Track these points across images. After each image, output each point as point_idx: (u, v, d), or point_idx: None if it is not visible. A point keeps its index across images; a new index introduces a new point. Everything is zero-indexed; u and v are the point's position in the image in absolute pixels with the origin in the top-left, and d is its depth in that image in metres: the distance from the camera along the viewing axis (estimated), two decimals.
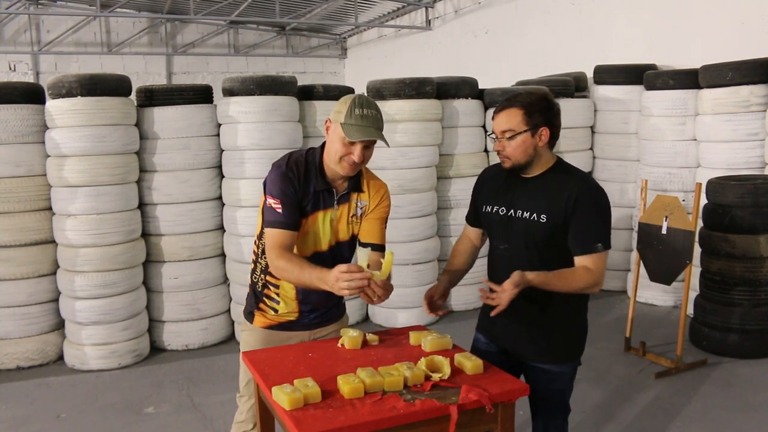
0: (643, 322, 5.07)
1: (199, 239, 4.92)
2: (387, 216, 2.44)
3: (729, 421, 3.56)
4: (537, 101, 2.24)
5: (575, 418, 3.56)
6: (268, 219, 2.28)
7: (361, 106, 2.23)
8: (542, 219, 2.23)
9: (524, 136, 2.21)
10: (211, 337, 5.00)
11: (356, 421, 1.77)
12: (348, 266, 2.03)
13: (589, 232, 2.21)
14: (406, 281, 5.23)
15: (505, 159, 2.28)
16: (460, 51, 9.63)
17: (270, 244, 2.27)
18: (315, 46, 13.56)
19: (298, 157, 2.33)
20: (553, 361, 2.33)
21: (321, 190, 2.31)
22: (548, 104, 2.26)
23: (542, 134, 2.23)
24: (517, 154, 2.24)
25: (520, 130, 2.21)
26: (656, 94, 5.62)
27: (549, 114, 2.24)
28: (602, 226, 2.23)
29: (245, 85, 4.87)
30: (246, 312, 2.54)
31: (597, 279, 2.21)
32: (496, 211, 2.36)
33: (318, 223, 2.33)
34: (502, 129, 2.24)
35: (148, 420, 3.81)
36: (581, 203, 2.19)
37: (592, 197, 2.22)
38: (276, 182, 2.27)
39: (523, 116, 2.21)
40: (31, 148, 4.55)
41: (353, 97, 2.25)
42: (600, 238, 2.21)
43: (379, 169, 5.19)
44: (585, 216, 2.20)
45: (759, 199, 4.40)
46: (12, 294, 4.55)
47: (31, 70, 11.35)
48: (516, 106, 2.22)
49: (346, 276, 2.01)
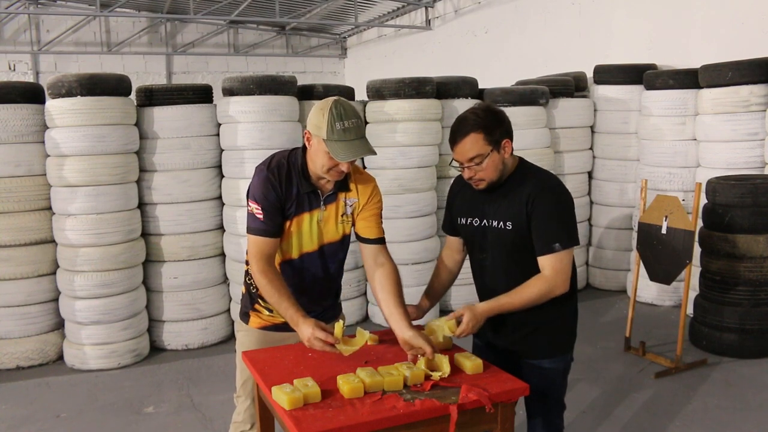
0: (643, 322, 5.07)
1: (199, 239, 4.92)
2: (381, 209, 2.42)
3: (729, 421, 3.56)
4: (489, 117, 2.21)
5: (575, 418, 3.56)
6: (250, 225, 2.29)
7: (341, 118, 2.12)
8: (509, 226, 2.25)
9: (492, 155, 2.20)
10: (211, 336, 5.00)
11: (356, 420, 1.77)
12: (326, 335, 2.08)
13: (547, 232, 2.20)
14: (405, 281, 5.09)
15: (478, 182, 2.26)
16: (460, 51, 9.63)
17: (252, 252, 2.28)
18: (315, 45, 13.56)
19: (280, 159, 2.30)
20: (542, 356, 2.33)
21: (306, 193, 2.29)
22: (500, 117, 2.24)
23: (506, 147, 2.23)
24: (490, 174, 2.23)
25: (486, 152, 2.19)
26: (656, 94, 5.62)
27: (504, 125, 2.23)
28: (560, 225, 2.22)
29: (245, 84, 4.86)
30: (241, 313, 2.53)
31: (552, 284, 2.19)
32: (470, 222, 2.38)
33: (304, 225, 2.32)
34: (469, 156, 2.20)
35: (148, 420, 3.81)
36: (537, 204, 2.20)
37: (547, 197, 2.22)
38: (258, 186, 2.26)
39: (484, 138, 2.18)
40: (30, 147, 4.55)
41: (329, 107, 2.14)
42: (558, 238, 2.19)
43: (379, 168, 5.21)
44: (542, 216, 2.20)
45: (759, 198, 4.39)
46: (12, 294, 4.55)
47: (30, 70, 11.35)
48: (474, 131, 2.18)
49: (319, 344, 2.08)
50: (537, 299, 2.20)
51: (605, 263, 6.20)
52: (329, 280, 2.46)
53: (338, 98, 2.19)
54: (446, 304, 5.64)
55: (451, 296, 5.63)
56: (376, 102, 5.29)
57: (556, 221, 2.21)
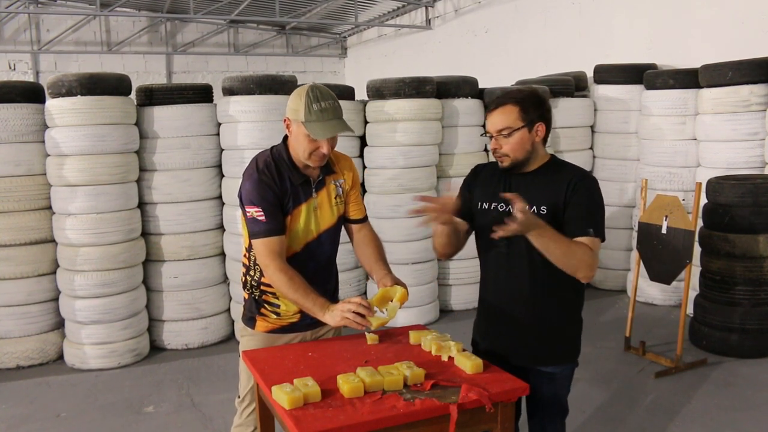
0: (643, 322, 5.07)
1: (199, 238, 4.92)
2: (359, 183, 2.53)
3: (729, 421, 3.56)
4: (530, 96, 2.23)
5: (575, 418, 3.56)
6: (253, 230, 2.29)
7: (317, 99, 2.20)
8: (542, 211, 2.18)
9: (521, 132, 2.19)
10: (211, 336, 5.00)
11: (356, 420, 1.77)
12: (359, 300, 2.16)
13: (582, 216, 2.17)
14: (405, 280, 5.06)
15: (503, 157, 2.24)
16: (460, 50, 9.63)
17: (264, 255, 2.27)
18: (315, 45, 13.56)
19: (266, 159, 2.34)
20: (553, 362, 2.30)
21: (299, 183, 2.32)
22: (541, 100, 2.25)
23: (538, 130, 2.21)
24: (516, 151, 2.20)
25: (517, 126, 2.18)
26: (656, 94, 5.62)
27: (542, 109, 2.23)
28: (595, 215, 2.20)
29: (245, 84, 4.86)
30: (246, 318, 2.50)
31: (593, 261, 2.12)
32: (494, 207, 2.30)
33: (302, 215, 2.34)
34: (499, 127, 2.20)
35: (148, 419, 3.81)
36: (578, 188, 2.18)
37: (588, 185, 2.21)
38: (253, 191, 2.28)
39: (519, 113, 2.18)
40: (30, 147, 4.55)
41: (306, 90, 2.23)
42: (593, 225, 2.16)
43: (379, 168, 5.22)
44: (580, 201, 2.17)
45: (759, 198, 4.39)
46: (12, 293, 4.55)
47: (30, 70, 11.34)
48: (510, 102, 2.20)
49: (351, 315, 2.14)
50: (573, 266, 2.10)
51: (605, 263, 6.19)
52: (330, 264, 2.50)
53: (314, 83, 2.25)
54: (446, 304, 5.64)
55: (451, 296, 5.64)
56: (377, 102, 5.29)
57: (594, 210, 2.20)
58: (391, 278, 2.38)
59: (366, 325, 2.16)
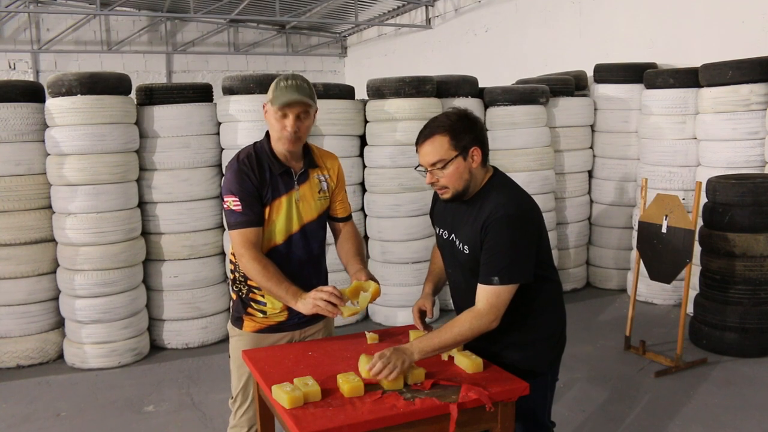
0: (643, 321, 5.07)
1: (199, 238, 4.92)
2: (344, 181, 2.58)
3: (729, 420, 3.56)
4: (459, 122, 2.09)
5: (575, 417, 3.56)
6: (230, 221, 2.30)
7: (286, 79, 2.29)
8: (466, 250, 2.12)
9: (456, 161, 2.06)
10: (211, 335, 5.00)
11: (356, 419, 1.77)
12: (330, 289, 2.17)
13: (490, 263, 2.02)
14: (405, 280, 5.22)
15: (442, 190, 2.12)
16: (460, 49, 9.63)
17: (238, 245, 2.29)
18: (315, 44, 13.56)
19: (248, 151, 2.40)
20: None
21: (279, 174, 2.34)
22: (472, 122, 2.11)
23: (474, 155, 2.08)
24: (454, 182, 2.08)
25: (450, 157, 2.06)
26: (656, 93, 5.61)
27: (475, 131, 2.10)
28: (506, 258, 2.01)
29: (245, 83, 4.86)
30: (233, 318, 2.51)
31: (485, 319, 2.00)
32: (441, 233, 2.29)
33: (283, 207, 2.35)
34: (431, 161, 2.08)
35: (148, 418, 3.82)
36: (490, 230, 2.03)
37: (501, 225, 2.02)
38: (232, 179, 2.31)
39: (449, 142, 2.06)
40: (30, 146, 4.55)
41: (279, 78, 2.33)
42: (498, 271, 2.00)
43: (379, 167, 5.22)
44: (490, 246, 2.03)
45: (759, 197, 4.39)
46: (12, 292, 4.55)
47: (30, 69, 11.35)
48: (439, 132, 2.07)
49: (323, 303, 2.15)
50: (469, 335, 2.01)
51: (605, 262, 6.20)
52: (315, 262, 2.49)
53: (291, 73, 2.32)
54: (445, 304, 5.64)
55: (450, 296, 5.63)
56: (377, 101, 5.29)
57: (502, 253, 2.01)
58: (366, 273, 2.39)
59: (337, 314, 2.19)
